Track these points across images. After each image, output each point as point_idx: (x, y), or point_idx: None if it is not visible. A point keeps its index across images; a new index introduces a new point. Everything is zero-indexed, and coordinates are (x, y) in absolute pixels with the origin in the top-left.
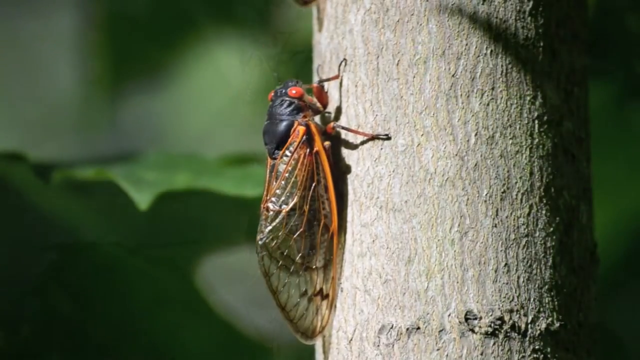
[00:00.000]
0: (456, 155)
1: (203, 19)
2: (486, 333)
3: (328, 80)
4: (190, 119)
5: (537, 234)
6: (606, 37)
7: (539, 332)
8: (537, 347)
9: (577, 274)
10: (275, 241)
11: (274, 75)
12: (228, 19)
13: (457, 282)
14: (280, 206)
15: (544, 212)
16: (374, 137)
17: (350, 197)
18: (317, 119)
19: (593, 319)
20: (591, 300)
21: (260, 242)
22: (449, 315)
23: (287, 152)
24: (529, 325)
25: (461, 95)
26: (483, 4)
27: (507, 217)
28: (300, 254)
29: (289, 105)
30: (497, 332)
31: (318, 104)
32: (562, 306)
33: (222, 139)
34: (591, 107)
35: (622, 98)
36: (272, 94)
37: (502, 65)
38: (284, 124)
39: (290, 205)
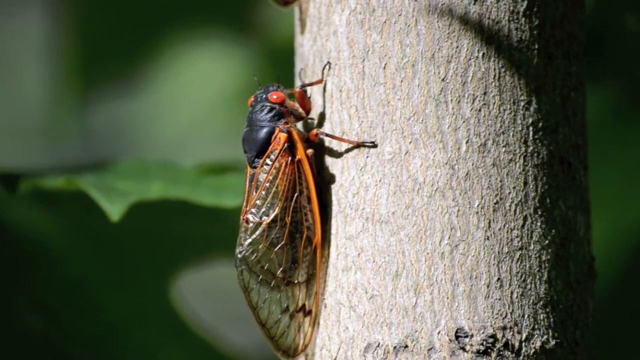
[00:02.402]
0: (446, 164)
1: (179, 20)
2: (478, 351)
3: (311, 84)
4: (165, 125)
5: (532, 247)
6: (604, 39)
7: (533, 350)
8: None
9: (573, 289)
10: (255, 254)
11: (254, 79)
12: (205, 20)
13: (447, 298)
14: (261, 218)
15: (538, 224)
16: (359, 145)
17: (335, 208)
18: (299, 125)
19: (590, 337)
20: (588, 317)
21: (239, 256)
22: (439, 332)
23: (268, 161)
24: (523, 344)
25: (451, 100)
26: (474, 4)
27: (500, 229)
28: (281, 268)
29: (270, 111)
30: (489, 350)
31: (300, 110)
32: (558, 323)
33: (199, 146)
34: (589, 112)
35: (621, 103)
36: (252, 99)
37: (494, 69)
38: (265, 130)
39: (271, 216)
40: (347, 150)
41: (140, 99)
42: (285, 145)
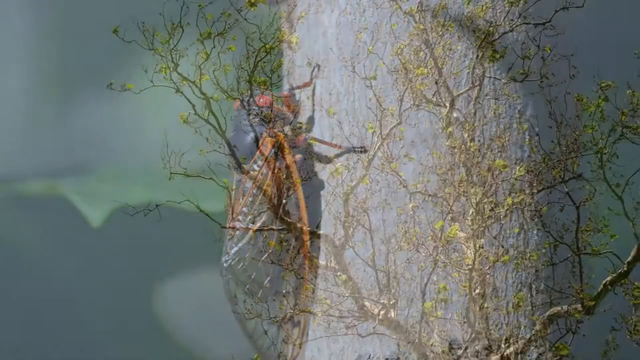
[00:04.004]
0: (439, 168)
1: (163, 22)
2: None
3: (299, 87)
4: (147, 129)
5: (528, 255)
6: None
7: None
8: None
9: (572, 299)
10: (241, 263)
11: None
12: (189, 21)
13: (441, 308)
14: (248, 225)
15: (535, 231)
16: (349, 150)
17: (324, 215)
18: (287, 129)
19: (588, 349)
20: (586, 329)
21: (225, 265)
22: (432, 344)
23: (255, 166)
24: (519, 356)
25: (446, 103)
26: (469, 4)
27: (495, 237)
28: (268, 278)
29: (257, 115)
30: None
31: (288, 114)
32: (556, 334)
33: (182, 151)
34: (587, 115)
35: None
36: (239, 102)
37: (490, 71)
38: (251, 135)
39: (258, 223)
40: (337, 156)
41: (122, 102)
42: (273, 150)
